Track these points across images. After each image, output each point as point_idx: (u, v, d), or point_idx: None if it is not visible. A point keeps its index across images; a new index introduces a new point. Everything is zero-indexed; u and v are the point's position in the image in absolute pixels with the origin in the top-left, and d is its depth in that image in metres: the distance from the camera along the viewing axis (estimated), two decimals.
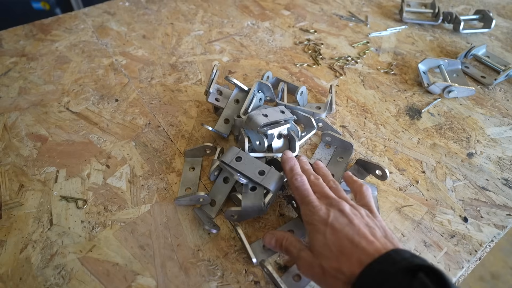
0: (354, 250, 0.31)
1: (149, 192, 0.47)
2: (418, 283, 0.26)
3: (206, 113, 0.59)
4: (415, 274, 0.27)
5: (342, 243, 0.31)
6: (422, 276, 0.26)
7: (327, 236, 0.33)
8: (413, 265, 0.27)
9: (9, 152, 0.52)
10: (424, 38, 0.77)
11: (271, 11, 0.85)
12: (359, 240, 0.31)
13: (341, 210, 0.34)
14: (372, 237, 0.31)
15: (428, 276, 0.26)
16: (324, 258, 0.32)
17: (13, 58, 0.69)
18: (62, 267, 0.40)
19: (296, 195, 0.39)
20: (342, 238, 0.32)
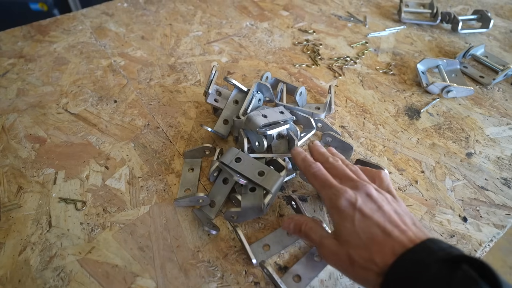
0: (386, 239, 0.29)
1: (148, 194, 0.47)
2: (461, 275, 0.24)
3: (205, 114, 0.58)
4: (457, 266, 0.24)
5: (373, 231, 0.29)
6: (466, 267, 0.24)
7: (356, 222, 0.30)
8: (453, 256, 0.25)
9: (7, 154, 0.52)
10: (422, 38, 0.77)
11: (269, 11, 0.85)
12: (391, 229, 0.29)
13: (369, 194, 0.32)
14: (404, 226, 0.30)
15: (472, 268, 0.24)
16: (353, 247, 0.30)
17: (11, 60, 0.69)
18: (61, 269, 0.39)
19: (315, 183, 0.36)
20: (373, 225, 0.30)
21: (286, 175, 0.46)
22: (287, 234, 0.42)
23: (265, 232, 0.43)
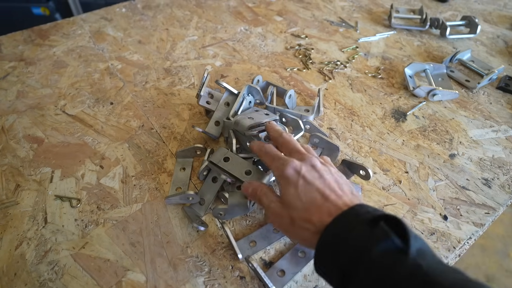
0: (324, 202, 0.33)
1: (141, 192, 0.49)
2: (379, 231, 0.28)
3: (198, 116, 0.60)
4: (376, 224, 0.28)
5: (313, 195, 0.33)
6: (382, 224, 0.28)
7: (299, 187, 0.34)
8: (375, 216, 0.29)
9: (6, 154, 0.54)
10: (412, 43, 0.79)
11: (263, 17, 0.87)
12: (329, 193, 0.33)
13: (313, 164, 0.36)
14: (341, 192, 0.34)
15: (388, 224, 0.28)
16: (294, 209, 0.34)
17: (12, 63, 0.71)
18: (55, 263, 0.41)
19: (266, 158, 0.39)
20: (313, 190, 0.34)
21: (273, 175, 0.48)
22: (272, 231, 0.44)
23: (252, 229, 0.45)
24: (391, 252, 0.27)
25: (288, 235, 0.37)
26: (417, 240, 0.27)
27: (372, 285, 0.26)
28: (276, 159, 0.38)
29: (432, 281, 0.24)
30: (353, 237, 0.29)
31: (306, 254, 0.42)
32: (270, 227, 0.45)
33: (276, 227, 0.39)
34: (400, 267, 0.26)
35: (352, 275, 0.28)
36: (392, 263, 0.26)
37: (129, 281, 0.40)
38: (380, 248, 0.27)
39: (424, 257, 0.26)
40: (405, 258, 0.26)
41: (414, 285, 0.25)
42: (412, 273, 0.25)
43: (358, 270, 0.27)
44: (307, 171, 0.35)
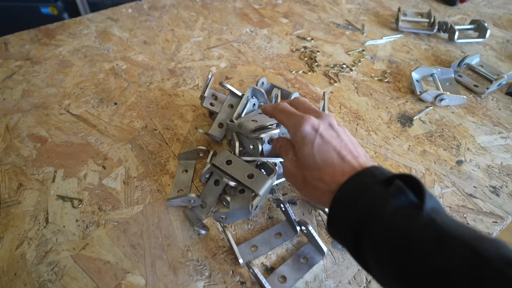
0: (339, 162, 0.32)
1: (143, 193, 0.48)
2: (394, 188, 0.27)
3: (201, 117, 0.60)
4: (391, 183, 0.28)
5: (329, 154, 0.33)
6: (398, 182, 0.27)
7: (315, 146, 0.33)
8: (390, 176, 0.29)
9: (10, 152, 0.54)
10: (419, 47, 0.78)
11: (269, 18, 0.87)
12: (345, 154, 0.33)
13: (331, 123, 0.35)
14: (356, 153, 0.33)
15: (404, 183, 0.27)
16: (307, 169, 0.33)
17: (18, 62, 0.72)
18: (55, 263, 0.41)
19: (282, 117, 0.38)
20: (330, 149, 0.33)
21: (276, 179, 0.47)
22: (274, 236, 0.43)
23: (254, 233, 0.44)
24: (405, 208, 0.26)
25: (301, 193, 0.37)
26: (432, 199, 0.26)
27: (385, 242, 0.26)
28: (292, 116, 0.36)
29: (446, 233, 0.24)
30: (367, 196, 0.28)
31: (308, 260, 0.41)
32: (272, 231, 0.44)
33: (291, 184, 0.40)
34: (414, 221, 0.25)
35: (365, 235, 0.27)
36: (406, 218, 0.25)
37: (128, 283, 0.40)
38: (394, 204, 0.26)
39: (439, 214, 0.26)
40: (420, 213, 0.25)
41: (428, 238, 0.24)
42: (426, 226, 0.25)
43: (371, 228, 0.27)
44: (324, 129, 0.34)
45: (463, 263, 0.22)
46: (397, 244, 0.25)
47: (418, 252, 0.24)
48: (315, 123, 0.35)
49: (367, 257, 0.27)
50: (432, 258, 0.23)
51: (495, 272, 0.21)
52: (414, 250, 0.24)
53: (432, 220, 0.25)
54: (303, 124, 0.34)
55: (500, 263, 0.21)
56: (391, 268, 0.25)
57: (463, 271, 0.22)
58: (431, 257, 0.23)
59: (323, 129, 0.34)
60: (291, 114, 0.37)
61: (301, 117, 0.35)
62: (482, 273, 0.21)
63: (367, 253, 0.27)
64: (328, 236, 0.44)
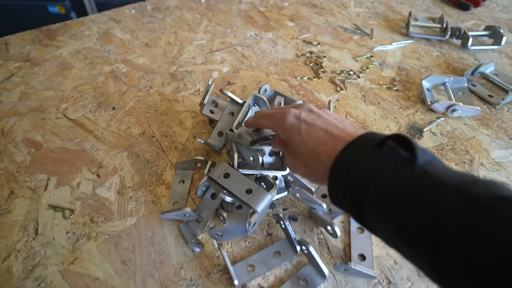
0: (329, 139, 0.32)
1: (137, 205, 0.46)
2: (386, 148, 0.27)
3: (201, 125, 0.58)
4: (384, 143, 0.28)
5: (317, 135, 0.33)
6: (389, 142, 0.28)
7: (302, 132, 0.34)
8: (382, 139, 0.28)
9: (3, 158, 0.52)
10: (430, 53, 0.75)
11: (275, 22, 0.84)
12: (332, 129, 0.33)
13: (310, 109, 0.37)
14: (342, 125, 0.34)
15: (396, 142, 0.28)
16: (304, 155, 0.34)
17: (18, 63, 0.70)
18: (42, 279, 0.39)
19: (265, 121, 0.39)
20: (316, 130, 0.34)
21: (276, 193, 0.45)
22: (273, 255, 0.41)
23: (252, 251, 0.42)
24: (399, 165, 0.27)
25: (309, 180, 0.38)
26: (425, 153, 0.27)
27: (382, 200, 0.26)
28: (273, 115, 0.38)
29: (439, 182, 0.24)
30: (361, 162, 0.28)
31: (308, 283, 0.39)
32: (270, 250, 0.42)
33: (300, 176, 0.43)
34: (408, 176, 0.26)
35: (363, 197, 0.27)
36: (400, 175, 0.26)
37: None
38: (388, 164, 0.27)
39: (433, 165, 0.26)
40: (413, 167, 0.26)
41: (422, 189, 0.24)
42: (420, 179, 0.25)
43: (368, 189, 0.27)
44: (306, 115, 0.36)
45: (456, 208, 0.22)
46: (394, 201, 0.25)
47: (413, 205, 0.24)
48: (295, 112, 0.36)
49: (367, 218, 0.28)
50: (426, 208, 0.24)
51: (487, 212, 0.21)
52: (409, 203, 0.25)
53: (426, 172, 0.25)
54: (286, 117, 0.36)
55: (491, 202, 0.21)
56: (390, 224, 0.26)
57: (456, 216, 0.22)
58: (425, 207, 0.24)
59: (305, 115, 0.35)
60: (271, 115, 0.38)
61: (281, 112, 0.37)
62: (475, 216, 0.21)
63: (366, 214, 0.28)
64: (330, 256, 0.41)
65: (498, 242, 0.20)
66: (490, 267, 0.20)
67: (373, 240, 0.43)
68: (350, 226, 0.44)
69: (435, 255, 0.23)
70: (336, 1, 0.92)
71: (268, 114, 0.39)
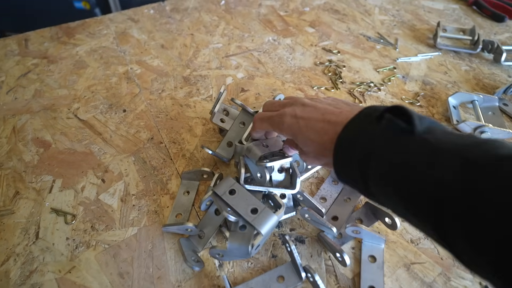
0: (328, 127, 0.33)
1: (139, 214, 0.45)
2: (384, 121, 0.28)
3: (211, 133, 0.56)
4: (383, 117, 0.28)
5: (317, 127, 0.34)
6: (387, 115, 0.28)
7: (303, 129, 0.35)
8: (380, 112, 0.28)
9: (12, 156, 0.52)
10: (458, 67, 0.70)
11: (295, 27, 0.81)
12: (329, 117, 0.33)
13: (303, 103, 0.37)
14: (338, 110, 0.34)
15: (394, 114, 0.28)
16: (312, 152, 0.35)
17: (35, 60, 0.71)
18: (38, 286, 0.38)
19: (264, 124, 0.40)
20: (315, 123, 0.34)
21: (284, 213, 0.42)
22: (276, 279, 0.38)
23: (254, 273, 0.40)
24: (397, 136, 0.27)
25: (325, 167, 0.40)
26: (424, 120, 0.27)
27: (384, 173, 0.27)
28: (271, 118, 0.39)
29: (438, 149, 0.24)
30: (361, 136, 0.29)
31: None
32: (274, 274, 0.39)
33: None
34: (407, 146, 0.26)
35: (367, 171, 0.28)
36: (399, 146, 0.26)
37: None
38: (387, 135, 0.27)
39: (433, 132, 0.26)
40: (411, 137, 0.26)
41: (422, 158, 0.25)
42: (419, 147, 0.25)
43: (370, 163, 0.27)
44: (301, 111, 0.36)
45: (456, 173, 0.23)
46: (396, 173, 0.26)
47: (414, 174, 0.25)
48: (291, 112, 0.36)
49: (373, 190, 0.29)
50: (427, 176, 0.24)
51: (487, 173, 0.21)
52: (410, 173, 0.25)
53: (425, 140, 0.25)
54: (283, 119, 0.37)
55: (491, 163, 0.22)
56: (394, 195, 0.26)
57: (457, 181, 0.22)
58: (426, 176, 0.24)
59: (300, 111, 0.36)
60: (269, 118, 0.39)
61: (277, 115, 0.38)
62: (475, 179, 0.22)
63: (372, 187, 0.28)
64: (337, 286, 0.39)
65: (499, 198, 0.20)
66: (492, 223, 0.20)
67: (385, 271, 0.39)
68: (361, 254, 0.41)
69: (438, 222, 0.23)
70: (359, 7, 0.89)
71: (266, 117, 0.40)
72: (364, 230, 0.39)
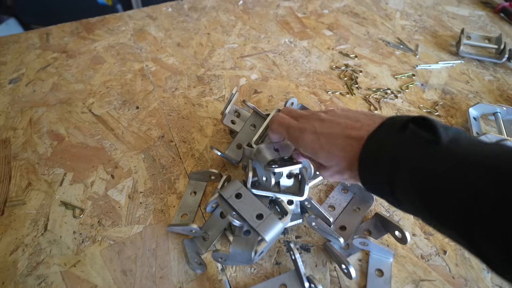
0: (350, 142, 0.32)
1: (146, 212, 0.45)
2: (409, 132, 0.28)
3: (221, 133, 0.56)
4: (406, 127, 0.28)
5: (338, 143, 0.33)
6: (411, 126, 0.28)
7: (324, 146, 0.34)
8: (402, 123, 0.28)
9: (27, 147, 0.53)
10: (481, 77, 0.67)
11: (312, 29, 0.80)
12: (350, 132, 0.33)
13: (321, 119, 0.36)
14: (359, 124, 0.33)
15: (418, 125, 0.28)
16: (335, 166, 0.34)
17: (55, 54, 0.72)
18: (43, 278, 0.39)
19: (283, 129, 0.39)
20: (336, 139, 0.33)
21: (290, 221, 0.41)
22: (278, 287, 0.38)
23: (257, 280, 0.39)
24: (422, 148, 0.27)
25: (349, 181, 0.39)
26: (449, 130, 0.27)
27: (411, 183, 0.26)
28: (290, 129, 0.38)
29: (466, 160, 0.24)
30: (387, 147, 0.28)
31: None
32: (276, 282, 0.38)
33: None
34: (433, 156, 0.26)
35: (394, 181, 0.28)
36: (425, 155, 0.26)
37: None
38: (412, 145, 0.27)
39: (459, 142, 0.26)
40: (437, 148, 0.26)
41: (449, 169, 0.24)
42: (446, 158, 0.25)
43: (397, 174, 0.27)
44: (320, 126, 0.35)
45: (485, 184, 0.22)
46: (423, 183, 0.26)
47: (442, 185, 0.24)
48: (310, 128, 0.36)
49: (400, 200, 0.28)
50: (456, 186, 0.24)
51: None
52: (438, 184, 0.25)
53: (451, 151, 0.25)
54: (303, 136, 0.36)
55: None
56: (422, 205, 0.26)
57: (487, 192, 0.22)
58: (455, 186, 0.24)
59: (319, 127, 0.35)
60: (288, 127, 0.38)
61: (297, 130, 0.37)
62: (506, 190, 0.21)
63: (399, 196, 0.28)
64: None
65: None
66: None
67: (392, 286, 0.38)
68: (368, 267, 0.39)
69: (469, 231, 0.23)
70: (380, 11, 0.86)
71: (285, 124, 0.38)
72: (372, 243, 0.38)
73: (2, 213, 0.45)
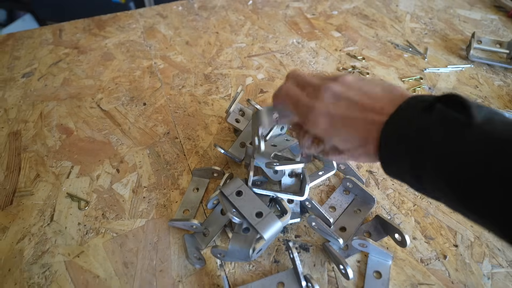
0: (368, 127, 0.29)
1: (149, 206, 0.46)
2: (436, 114, 0.25)
3: (226, 132, 0.56)
4: (433, 107, 0.25)
5: (355, 127, 0.30)
6: (438, 105, 0.25)
7: (339, 129, 0.31)
8: (429, 102, 0.25)
9: (37, 140, 0.55)
10: (491, 82, 0.66)
11: (320, 30, 0.80)
12: (369, 116, 0.29)
13: (334, 95, 0.31)
14: (378, 104, 0.29)
15: (447, 104, 0.25)
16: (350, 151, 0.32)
17: (67, 49, 0.74)
18: (48, 267, 0.40)
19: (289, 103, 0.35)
20: (353, 122, 0.30)
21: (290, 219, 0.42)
22: (276, 286, 0.38)
23: (254, 277, 0.39)
24: (453, 130, 0.24)
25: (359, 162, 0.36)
26: (482, 109, 0.24)
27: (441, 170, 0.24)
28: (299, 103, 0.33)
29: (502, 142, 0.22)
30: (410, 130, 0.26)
31: None
32: (274, 279, 0.39)
33: None
34: (465, 140, 0.23)
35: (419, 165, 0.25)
36: (456, 141, 0.24)
37: None
38: (440, 131, 0.24)
39: (491, 123, 0.23)
40: (469, 130, 0.23)
41: (482, 152, 0.22)
42: (478, 141, 0.23)
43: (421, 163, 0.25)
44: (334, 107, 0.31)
45: None
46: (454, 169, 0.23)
47: (476, 171, 0.22)
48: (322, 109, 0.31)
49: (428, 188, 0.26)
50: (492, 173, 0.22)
51: None
52: (471, 170, 0.23)
53: (484, 132, 0.23)
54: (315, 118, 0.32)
55: None
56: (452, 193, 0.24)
57: None
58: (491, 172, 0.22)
59: (333, 108, 0.31)
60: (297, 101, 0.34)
61: (306, 106, 0.32)
62: None
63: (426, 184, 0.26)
64: None
65: None
66: None
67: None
68: (366, 269, 0.39)
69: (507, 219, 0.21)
70: (390, 13, 0.86)
71: (294, 98, 0.34)
72: (371, 244, 0.38)
73: (11, 203, 0.46)
